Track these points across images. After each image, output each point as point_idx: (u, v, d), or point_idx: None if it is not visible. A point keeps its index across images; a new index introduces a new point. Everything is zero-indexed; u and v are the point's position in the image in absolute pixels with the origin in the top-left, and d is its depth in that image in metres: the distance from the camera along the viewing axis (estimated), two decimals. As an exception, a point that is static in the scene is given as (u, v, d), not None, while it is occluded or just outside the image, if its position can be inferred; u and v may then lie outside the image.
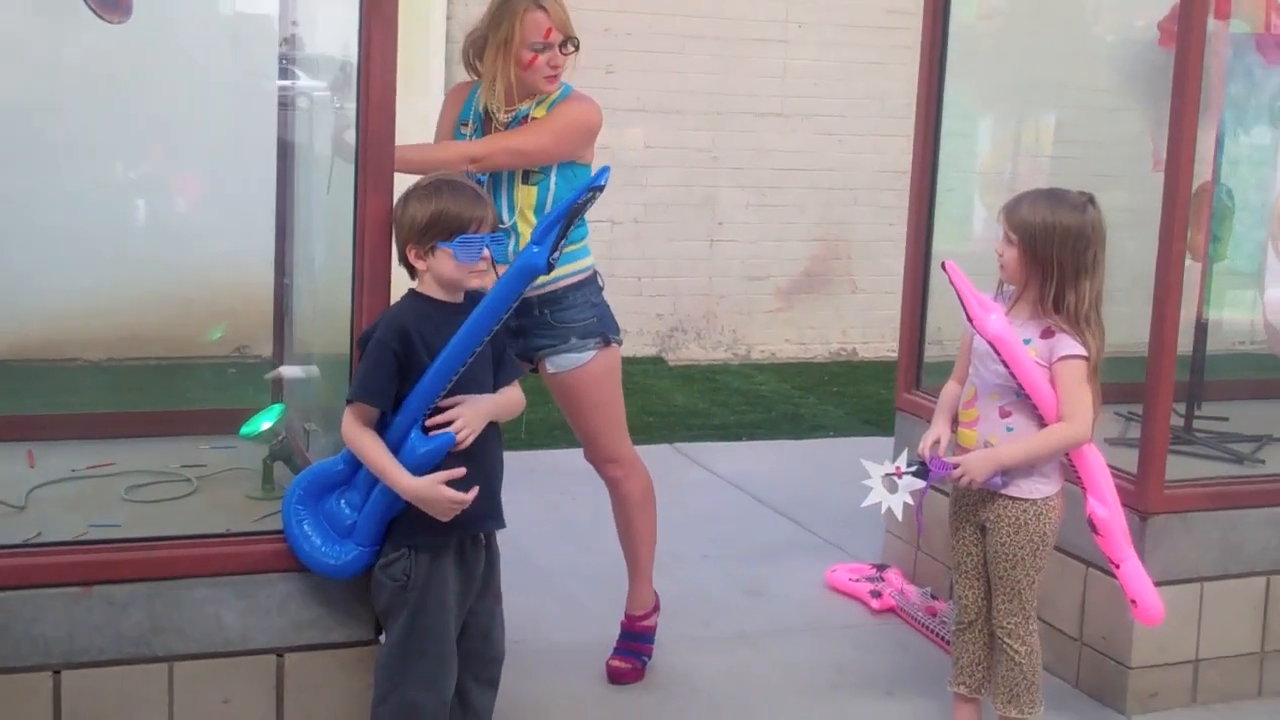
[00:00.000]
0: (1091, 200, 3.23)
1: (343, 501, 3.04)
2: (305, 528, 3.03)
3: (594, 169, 3.85)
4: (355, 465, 3.03)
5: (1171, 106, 3.70)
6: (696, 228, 8.60)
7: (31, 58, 5.74)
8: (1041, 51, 7.09)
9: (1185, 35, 3.66)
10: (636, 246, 8.43)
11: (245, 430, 3.59)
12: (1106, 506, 3.22)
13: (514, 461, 5.70)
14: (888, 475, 3.28)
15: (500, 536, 5.16)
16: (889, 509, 3.27)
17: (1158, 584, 3.75)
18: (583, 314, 3.74)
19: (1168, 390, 3.82)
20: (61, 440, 3.96)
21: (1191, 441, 4.48)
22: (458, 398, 2.99)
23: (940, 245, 4.92)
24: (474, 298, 3.10)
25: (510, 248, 3.68)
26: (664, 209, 8.48)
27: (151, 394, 6.82)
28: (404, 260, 3.06)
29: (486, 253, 3.03)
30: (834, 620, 4.55)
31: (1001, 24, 7.40)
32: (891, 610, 4.55)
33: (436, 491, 2.95)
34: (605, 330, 3.79)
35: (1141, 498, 3.80)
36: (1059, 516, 3.31)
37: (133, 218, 7.01)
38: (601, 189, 3.14)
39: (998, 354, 3.15)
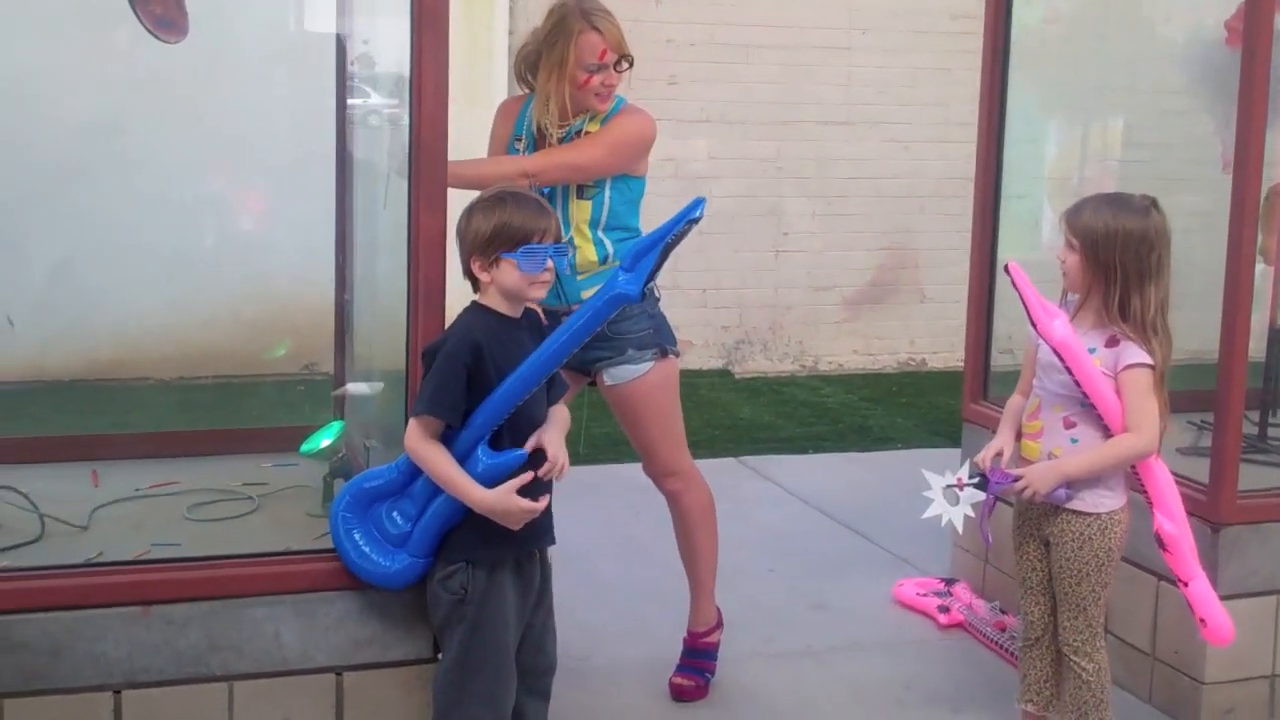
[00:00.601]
0: (1154, 204, 3.16)
1: (395, 512, 3.04)
2: (355, 536, 3.03)
3: (648, 180, 3.86)
4: (410, 476, 3.02)
5: (1239, 107, 3.62)
6: (762, 238, 8.56)
7: (97, 79, 5.81)
8: (1109, 54, 6.99)
9: (1252, 33, 3.57)
10: (701, 258, 8.39)
11: (305, 448, 3.60)
12: (1174, 522, 3.14)
13: (576, 476, 5.72)
14: (949, 487, 3.22)
15: (563, 552, 5.16)
16: (949, 521, 3.21)
17: (1231, 597, 3.67)
18: (639, 325, 3.71)
19: (1239, 398, 3.73)
20: (127, 459, 3.98)
21: (1266, 450, 4.37)
22: (542, 431, 3.01)
23: (1007, 252, 4.84)
24: (530, 314, 3.10)
25: (566, 262, 3.66)
26: (729, 220, 8.44)
27: (221, 412, 6.90)
28: (468, 273, 3.05)
29: (550, 263, 3.03)
30: (901, 636, 4.48)
31: (1068, 27, 7.31)
32: (960, 625, 4.48)
33: (511, 502, 2.95)
34: (662, 341, 3.76)
35: (1214, 509, 3.71)
36: (1124, 530, 3.23)
37: (202, 237, 7.08)
38: (697, 220, 3.10)
39: (1062, 360, 3.08)
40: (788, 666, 4.22)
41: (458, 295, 3.11)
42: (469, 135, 3.95)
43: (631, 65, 3.69)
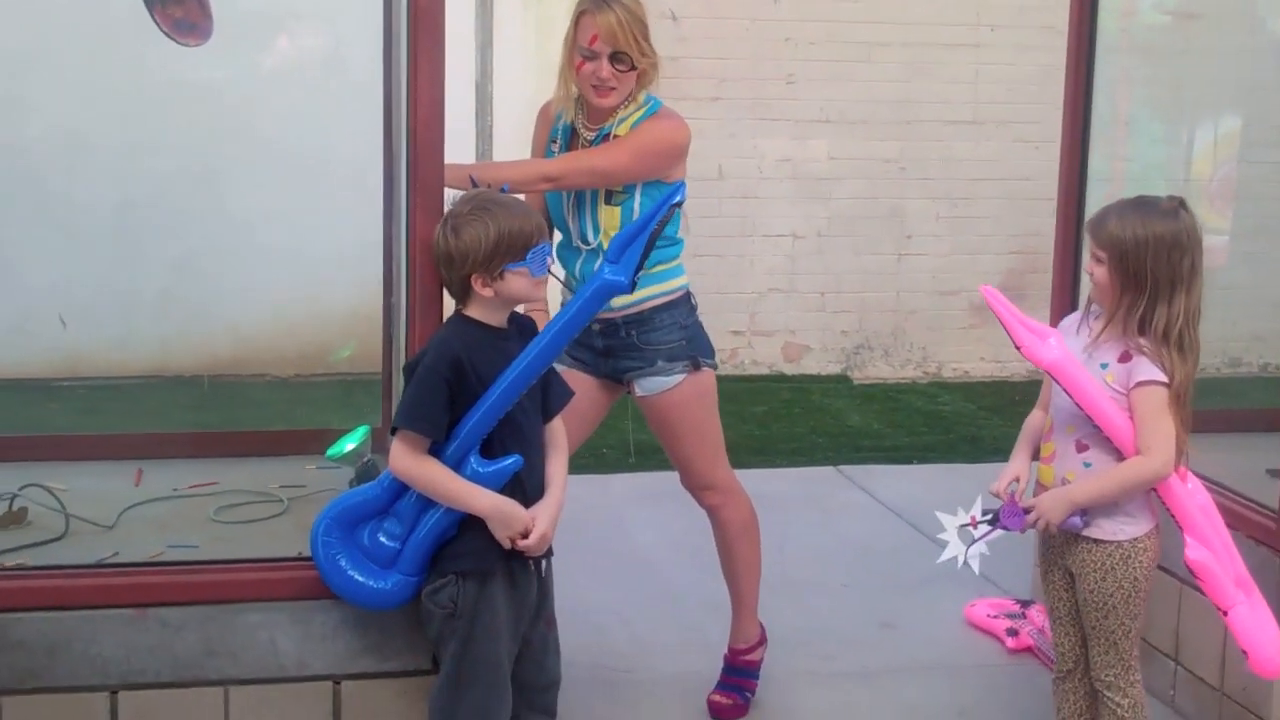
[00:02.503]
0: (1183, 204, 2.94)
1: (380, 533, 2.98)
2: (341, 561, 2.96)
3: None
4: (395, 493, 2.96)
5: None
6: (884, 241, 8.34)
7: (185, 90, 5.91)
8: (1248, 49, 6.66)
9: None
10: (820, 261, 8.23)
11: (331, 452, 3.57)
12: (1207, 548, 2.92)
13: (648, 483, 5.66)
14: (963, 526, 3.06)
15: (632, 560, 5.10)
16: (965, 563, 3.05)
17: (1300, 633, 3.42)
18: (670, 336, 3.60)
19: (1311, 417, 3.47)
20: (182, 458, 4.02)
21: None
22: (534, 512, 2.94)
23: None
24: (520, 322, 3.03)
25: (596, 267, 3.58)
26: (849, 222, 8.25)
27: (328, 409, 6.98)
28: (463, 288, 2.98)
29: (549, 260, 2.99)
30: (965, 659, 4.30)
31: (1204, 23, 7.00)
32: (1028, 649, 4.27)
33: (515, 507, 2.90)
34: (696, 353, 3.65)
35: (1282, 536, 3.47)
36: (1152, 558, 3.01)
37: (318, 236, 7.16)
38: (679, 205, 3.05)
39: (1057, 383, 2.90)
40: (839, 688, 4.07)
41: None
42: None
43: (634, 68, 3.53)
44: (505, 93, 7.67)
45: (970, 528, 3.05)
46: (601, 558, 5.08)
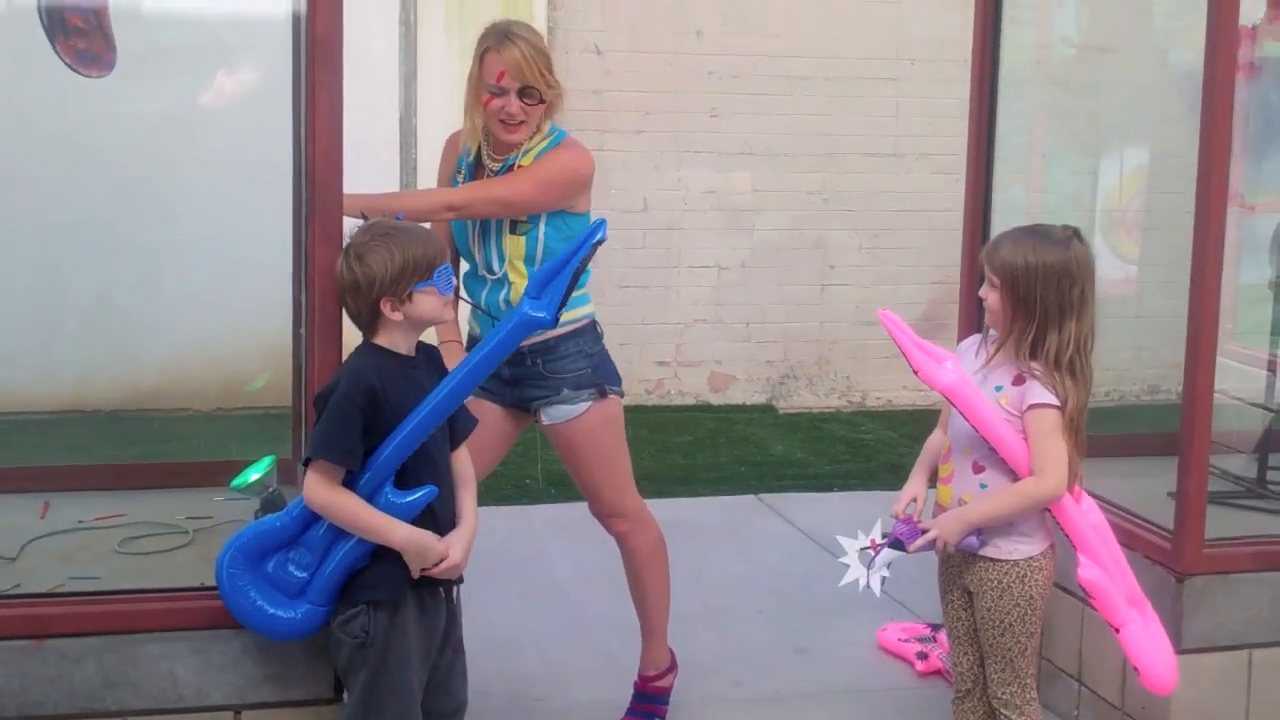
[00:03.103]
0: (1076, 234, 3.02)
1: (290, 564, 2.97)
2: (251, 594, 2.94)
3: (593, 216, 3.76)
4: (304, 524, 2.96)
5: (1201, 129, 3.46)
6: (807, 271, 8.42)
7: (107, 122, 5.89)
8: (1160, 82, 6.79)
9: (1213, 55, 3.42)
10: (744, 292, 8.29)
11: (235, 482, 3.56)
12: (1100, 566, 2.98)
13: (569, 513, 5.67)
14: (864, 549, 3.10)
15: (548, 587, 5.10)
16: (866, 586, 3.09)
17: (1197, 651, 3.50)
18: (576, 364, 3.63)
19: (1203, 439, 3.55)
20: (91, 490, 4.00)
21: (1265, 496, 4.16)
22: (448, 542, 2.96)
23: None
24: (427, 351, 3.05)
25: (501, 297, 3.61)
26: (773, 253, 8.33)
27: (252, 443, 6.93)
28: (371, 316, 2.99)
29: (455, 280, 3.05)
30: (876, 683, 4.34)
31: (1116, 56, 7.13)
32: (937, 673, 4.32)
33: (431, 539, 2.91)
34: (602, 381, 3.67)
35: (1177, 557, 3.54)
36: (1047, 577, 3.07)
37: (241, 270, 7.13)
38: (601, 242, 3.08)
39: (953, 406, 2.96)
40: (749, 712, 4.11)
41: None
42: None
43: (542, 101, 3.56)
44: (429, 125, 7.71)
45: (870, 550, 3.09)
46: (522, 587, 5.09)
